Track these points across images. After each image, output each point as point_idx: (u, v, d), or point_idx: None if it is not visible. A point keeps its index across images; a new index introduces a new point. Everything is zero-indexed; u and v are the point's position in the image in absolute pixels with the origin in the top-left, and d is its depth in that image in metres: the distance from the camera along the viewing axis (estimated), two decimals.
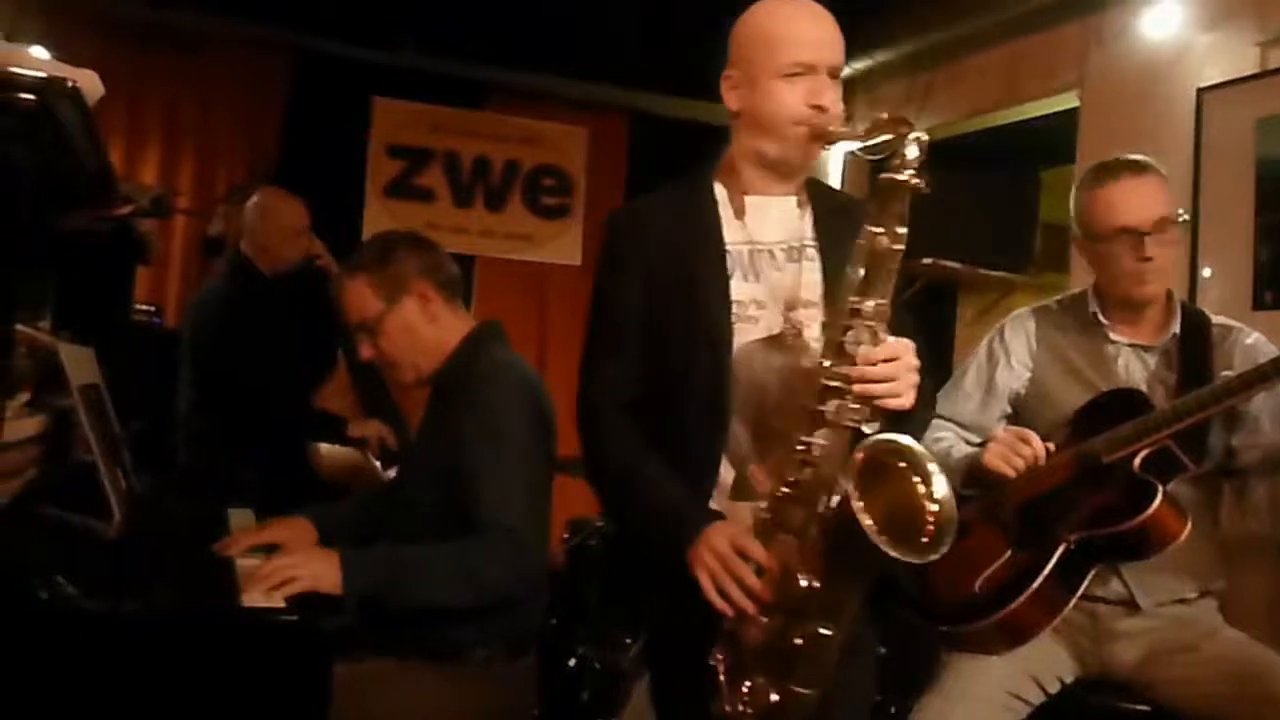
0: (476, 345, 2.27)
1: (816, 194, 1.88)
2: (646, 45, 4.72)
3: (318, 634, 1.56)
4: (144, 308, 4.13)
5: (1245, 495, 2.24)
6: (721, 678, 1.68)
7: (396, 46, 4.93)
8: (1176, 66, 3.52)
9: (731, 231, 1.82)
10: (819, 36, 1.76)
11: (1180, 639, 2.14)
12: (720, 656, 1.68)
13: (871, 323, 1.61)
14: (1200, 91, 3.42)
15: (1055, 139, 3.92)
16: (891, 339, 1.62)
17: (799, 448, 1.63)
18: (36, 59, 1.48)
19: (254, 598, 1.73)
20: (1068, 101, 3.95)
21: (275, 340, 3.57)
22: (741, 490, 1.78)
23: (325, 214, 4.12)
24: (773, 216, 1.83)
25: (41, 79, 1.40)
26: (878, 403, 1.60)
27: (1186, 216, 2.23)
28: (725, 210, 1.84)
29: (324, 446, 3.60)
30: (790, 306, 1.79)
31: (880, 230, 1.61)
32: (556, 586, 2.43)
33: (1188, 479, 2.10)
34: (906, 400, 1.61)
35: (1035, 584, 2.04)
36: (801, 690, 1.63)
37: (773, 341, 1.78)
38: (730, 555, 1.63)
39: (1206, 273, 3.33)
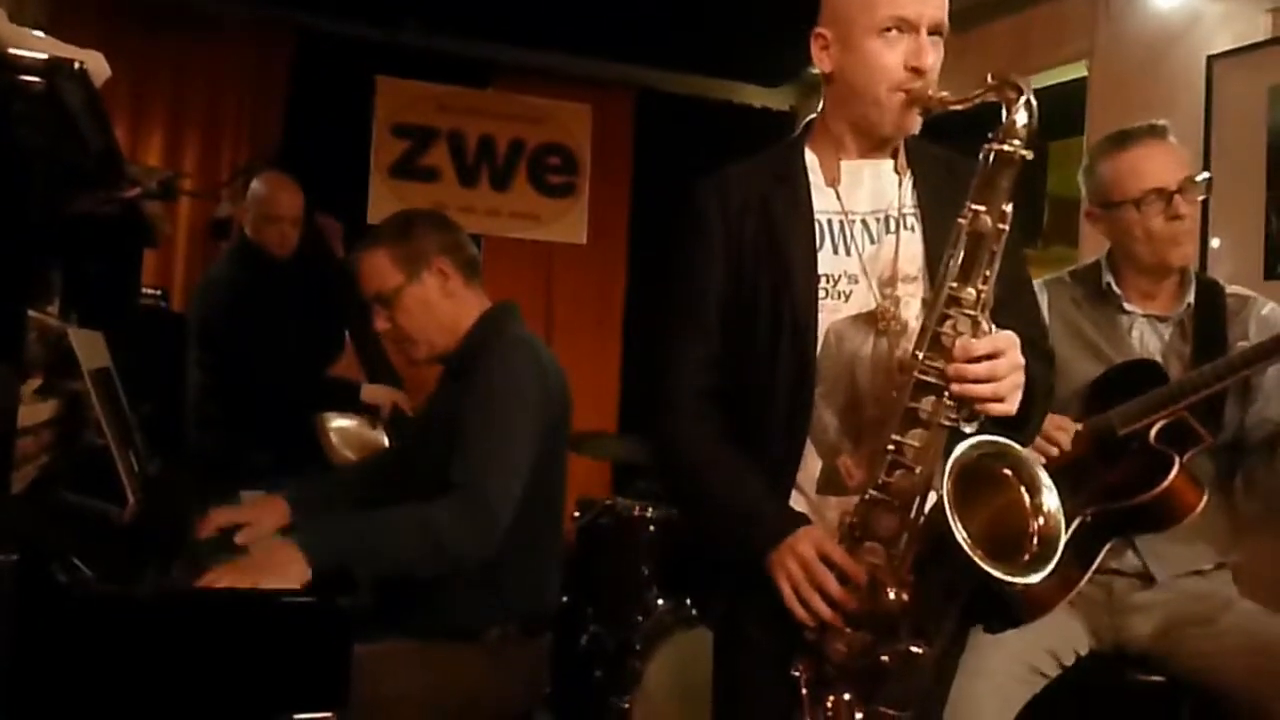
0: (491, 324, 2.27)
1: (919, 157, 1.71)
2: (652, 21, 4.69)
3: (336, 615, 1.56)
4: (150, 291, 4.11)
5: (1253, 477, 2.21)
6: (803, 691, 1.56)
7: (400, 25, 4.90)
8: (1187, 34, 3.49)
9: (821, 200, 1.68)
10: None
11: (1195, 611, 2.14)
12: (802, 668, 1.57)
13: (971, 312, 1.47)
14: (1211, 59, 3.39)
15: (1063, 110, 3.89)
16: (994, 332, 1.49)
17: (889, 447, 1.50)
18: (43, 40, 1.46)
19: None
20: (1076, 71, 3.92)
21: (282, 322, 3.56)
22: (830, 483, 1.64)
23: (330, 194, 4.12)
24: (866, 184, 1.69)
25: (47, 60, 1.39)
26: (977, 407, 1.47)
27: (1209, 175, 2.22)
28: (816, 177, 1.70)
29: (332, 426, 3.59)
30: (887, 281, 1.64)
31: (983, 208, 1.47)
32: (567, 565, 2.43)
33: (1203, 451, 2.10)
34: (1009, 405, 1.47)
35: None
36: (889, 711, 1.53)
37: (865, 319, 1.63)
38: (814, 562, 1.52)
39: (1215, 243, 3.31)
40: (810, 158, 1.72)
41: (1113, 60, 3.76)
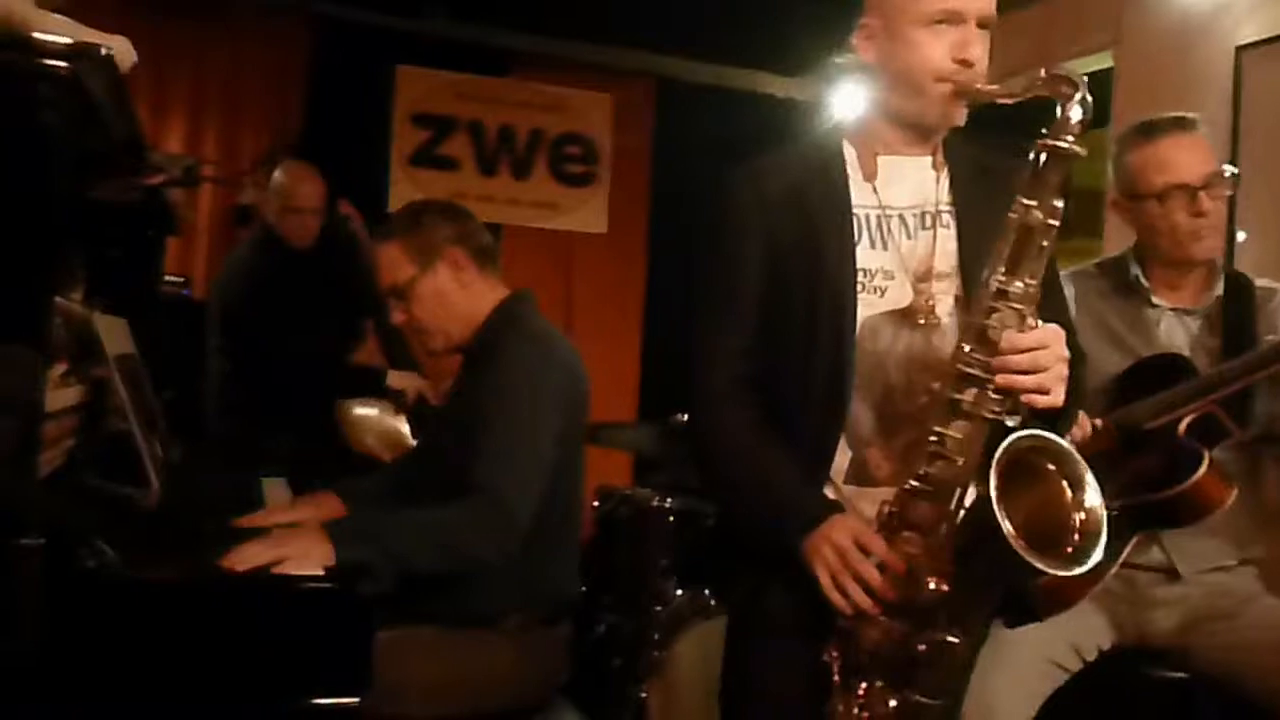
0: (508, 314, 2.26)
1: (956, 152, 1.70)
2: (673, 10, 4.67)
3: (359, 601, 1.56)
4: (173, 279, 4.13)
5: None
6: (835, 677, 1.58)
7: (420, 14, 4.90)
8: (1214, 24, 3.45)
9: (859, 194, 1.67)
10: None
11: (1219, 607, 2.12)
12: (835, 654, 1.58)
13: (1019, 306, 1.47)
14: (1239, 50, 3.36)
15: None
16: (1040, 325, 1.49)
17: (931, 439, 1.50)
18: (69, 25, 1.46)
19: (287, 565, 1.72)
20: (1101, 62, 3.89)
21: (303, 309, 3.57)
22: (859, 475, 1.66)
23: (350, 183, 4.12)
24: (904, 179, 1.68)
25: (74, 46, 1.39)
26: (1023, 398, 1.47)
27: (1235, 170, 2.19)
28: (854, 172, 1.69)
29: (354, 413, 3.60)
30: (922, 278, 1.64)
31: (1034, 203, 1.47)
32: (585, 554, 2.43)
33: (1230, 445, 2.08)
34: (1055, 397, 1.47)
35: None
36: (923, 700, 1.54)
37: (901, 315, 1.64)
38: (852, 550, 1.53)
39: (1241, 236, 3.28)
40: (848, 151, 1.71)
41: (1139, 51, 3.72)
